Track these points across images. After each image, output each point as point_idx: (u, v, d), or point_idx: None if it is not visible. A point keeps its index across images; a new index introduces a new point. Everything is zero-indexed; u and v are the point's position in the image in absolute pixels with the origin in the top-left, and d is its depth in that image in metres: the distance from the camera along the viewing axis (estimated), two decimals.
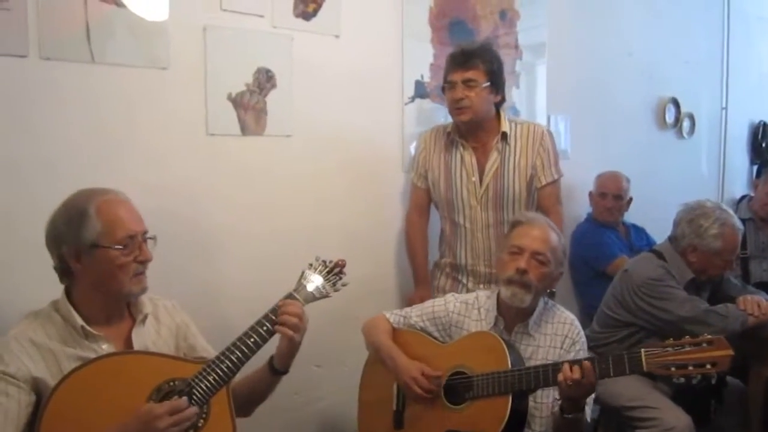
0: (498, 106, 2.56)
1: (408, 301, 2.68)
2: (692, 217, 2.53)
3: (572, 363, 1.77)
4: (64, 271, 1.64)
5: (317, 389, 2.64)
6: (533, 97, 3.40)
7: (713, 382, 2.45)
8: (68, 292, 1.65)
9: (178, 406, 1.51)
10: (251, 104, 2.37)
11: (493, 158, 2.53)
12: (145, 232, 1.67)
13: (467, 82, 2.44)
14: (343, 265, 1.87)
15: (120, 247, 1.60)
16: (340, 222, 2.64)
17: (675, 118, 4.25)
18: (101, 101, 2.09)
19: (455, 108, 2.47)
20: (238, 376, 1.69)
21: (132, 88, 2.14)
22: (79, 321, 1.60)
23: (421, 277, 2.72)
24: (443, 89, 2.56)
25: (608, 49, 3.77)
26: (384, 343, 2.13)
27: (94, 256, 1.60)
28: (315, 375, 2.62)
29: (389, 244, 2.84)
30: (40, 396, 1.53)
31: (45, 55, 1.98)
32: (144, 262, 1.65)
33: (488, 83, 2.46)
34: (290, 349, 1.73)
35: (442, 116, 2.82)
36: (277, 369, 1.76)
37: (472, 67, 2.45)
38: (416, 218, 2.73)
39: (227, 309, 2.31)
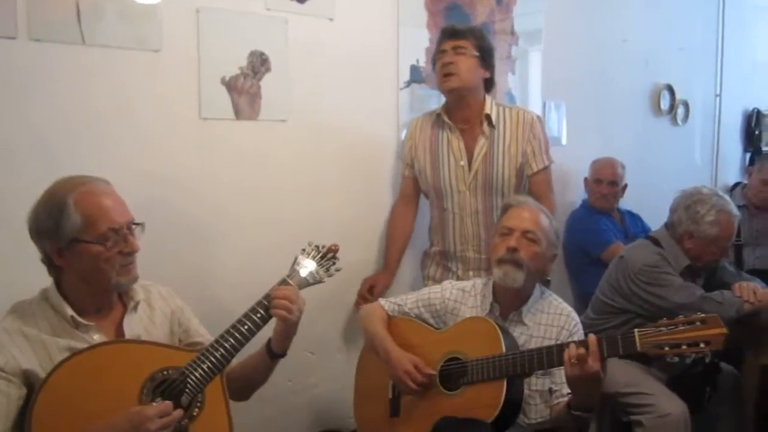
0: (487, 88, 2.55)
1: (363, 282, 2.66)
2: (689, 203, 2.52)
3: (578, 343, 1.74)
4: (50, 264, 1.60)
5: (311, 376, 2.63)
6: (529, 84, 3.38)
7: (707, 361, 2.49)
8: (57, 282, 1.61)
9: (167, 408, 1.47)
10: (245, 88, 2.34)
11: (481, 143, 2.50)
12: (131, 222, 1.60)
13: (457, 48, 2.44)
14: (336, 250, 1.86)
15: (103, 240, 1.54)
16: (335, 207, 2.62)
17: (670, 105, 4.24)
18: (92, 84, 2.06)
19: (443, 75, 2.45)
20: (234, 362, 1.67)
21: (123, 71, 2.11)
22: (69, 311, 1.57)
23: (388, 263, 2.71)
24: (433, 64, 2.55)
25: (604, 36, 3.75)
26: (378, 333, 2.12)
27: (76, 251, 1.55)
28: (308, 361, 2.61)
29: (381, 230, 2.81)
30: (32, 389, 1.49)
31: (34, 36, 1.95)
32: (130, 254, 1.59)
33: (478, 54, 2.46)
34: (286, 331, 1.72)
35: (437, 102, 2.79)
36: (274, 352, 1.74)
37: (463, 37, 2.46)
38: (400, 207, 2.72)
39: (221, 295, 2.30)
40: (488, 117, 2.50)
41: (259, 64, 2.36)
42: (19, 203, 1.77)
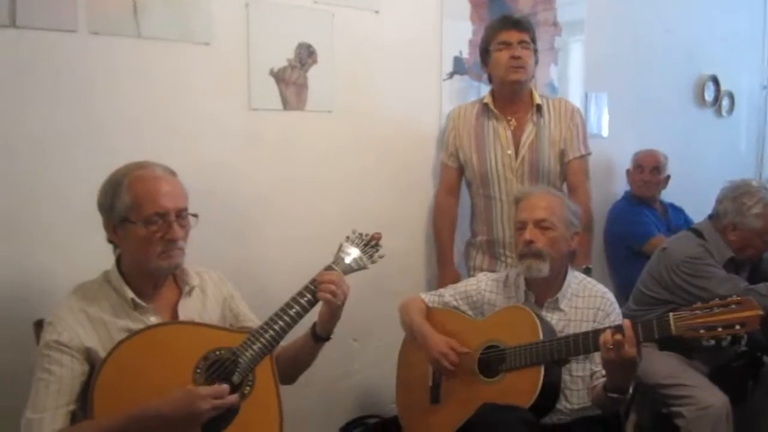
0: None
1: (438, 282, 2.70)
2: (736, 195, 2.50)
3: (614, 329, 1.75)
4: (113, 241, 1.68)
5: (354, 362, 2.68)
6: (570, 75, 3.37)
7: (743, 344, 2.47)
8: (118, 263, 1.68)
9: (221, 391, 1.53)
10: (293, 79, 2.39)
11: (529, 130, 2.54)
12: (181, 210, 1.64)
13: (522, 43, 2.48)
14: (379, 238, 1.90)
15: (147, 223, 1.59)
16: (377, 196, 2.67)
17: (714, 96, 4.18)
18: (147, 76, 2.12)
19: (512, 66, 2.48)
20: (282, 345, 1.73)
21: (176, 63, 2.17)
22: (130, 293, 1.64)
23: (447, 258, 2.73)
24: (485, 53, 2.57)
25: (647, 26, 3.71)
26: (416, 320, 2.17)
27: (126, 230, 1.61)
28: (351, 348, 2.67)
29: (424, 219, 2.85)
30: (93, 366, 1.57)
31: (93, 29, 2.02)
32: (171, 241, 1.62)
33: (535, 47, 2.52)
34: (331, 315, 1.76)
35: (477, 93, 2.81)
36: (319, 335, 1.79)
37: (525, 30, 2.51)
38: (445, 199, 2.74)
39: (267, 282, 2.35)
40: (539, 107, 2.56)
41: (306, 56, 2.41)
42: (78, 193, 1.87)
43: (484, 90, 2.76)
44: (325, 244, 1.91)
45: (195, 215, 1.69)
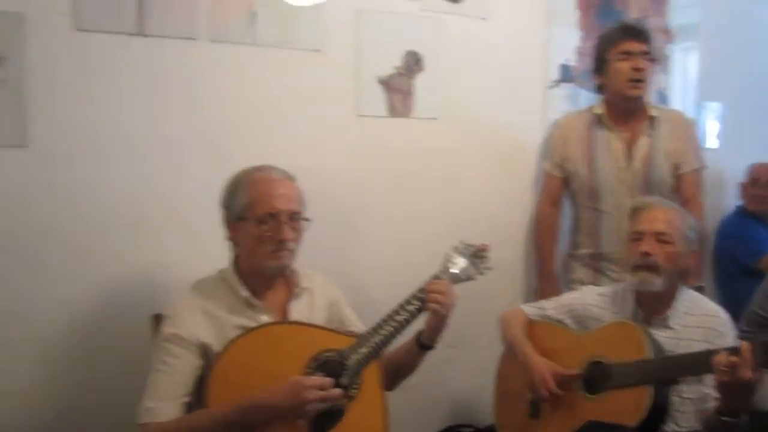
0: None
1: (538, 294, 2.65)
2: None
3: (729, 350, 1.66)
4: (232, 240, 1.75)
5: (451, 369, 2.68)
6: (682, 83, 3.24)
7: None
8: (236, 264, 1.75)
9: (326, 383, 1.57)
10: (399, 86, 2.42)
11: (642, 142, 2.47)
12: (293, 212, 1.70)
13: (644, 54, 2.41)
14: (487, 249, 1.89)
15: (259, 222, 1.66)
16: (481, 204, 2.65)
17: None
18: (261, 82, 2.20)
19: (633, 80, 2.41)
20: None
21: (288, 70, 2.25)
22: (245, 292, 1.70)
23: (548, 271, 2.68)
24: (602, 62, 2.49)
25: (766, 31, 3.52)
26: (517, 336, 2.12)
27: (241, 227, 1.69)
28: (450, 355, 2.65)
29: (523, 228, 2.81)
30: (207, 361, 1.64)
31: (213, 37, 2.11)
32: (281, 242, 1.67)
33: (653, 60, 2.46)
34: (437, 324, 1.77)
35: (584, 101, 2.75)
36: (424, 344, 1.80)
37: (646, 41, 2.43)
38: (548, 209, 2.68)
39: (369, 287, 2.37)
40: (652, 118, 2.48)
41: (413, 63, 2.44)
42: (194, 194, 1.97)
43: (586, 98, 2.70)
44: (427, 251, 1.92)
45: (307, 219, 1.74)
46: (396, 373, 1.85)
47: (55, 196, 1.97)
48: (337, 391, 1.59)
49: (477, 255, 1.88)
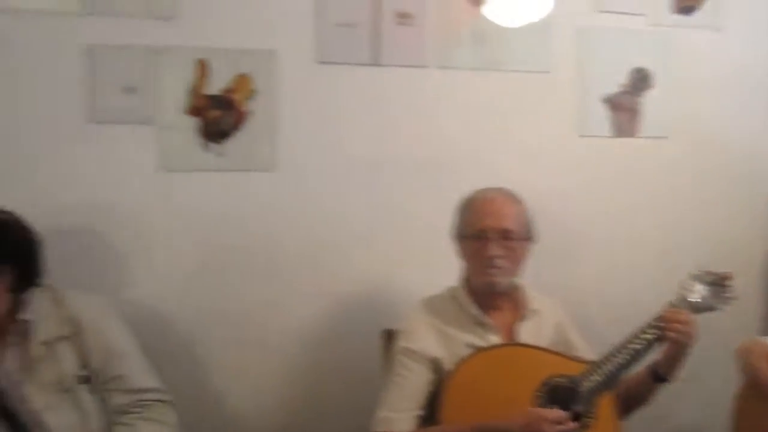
0: None
1: None
2: None
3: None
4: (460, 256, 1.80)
5: (678, 402, 2.51)
6: None
7: None
8: (466, 280, 1.79)
9: (564, 417, 1.54)
10: (625, 105, 2.35)
11: None
12: (506, 231, 1.70)
13: None
14: (729, 278, 1.76)
15: (472, 239, 1.72)
16: (713, 227, 2.48)
17: None
18: (490, 105, 2.26)
19: None
20: None
21: (516, 91, 2.28)
22: (474, 310, 1.74)
23: None
24: None
25: None
26: (764, 370, 1.93)
27: (462, 245, 1.77)
28: (676, 388, 2.49)
29: (762, 255, 2.58)
30: (439, 375, 1.68)
31: (440, 64, 2.20)
32: (488, 258, 1.69)
33: None
34: (677, 356, 1.68)
35: None
36: (660, 375, 1.72)
37: None
38: None
39: (588, 311, 2.31)
40: None
41: (640, 80, 2.35)
42: (422, 213, 2.10)
43: None
44: (647, 276, 1.85)
45: (527, 239, 1.75)
46: (625, 405, 1.77)
47: (295, 213, 2.14)
48: (575, 426, 1.56)
49: (719, 283, 1.76)
